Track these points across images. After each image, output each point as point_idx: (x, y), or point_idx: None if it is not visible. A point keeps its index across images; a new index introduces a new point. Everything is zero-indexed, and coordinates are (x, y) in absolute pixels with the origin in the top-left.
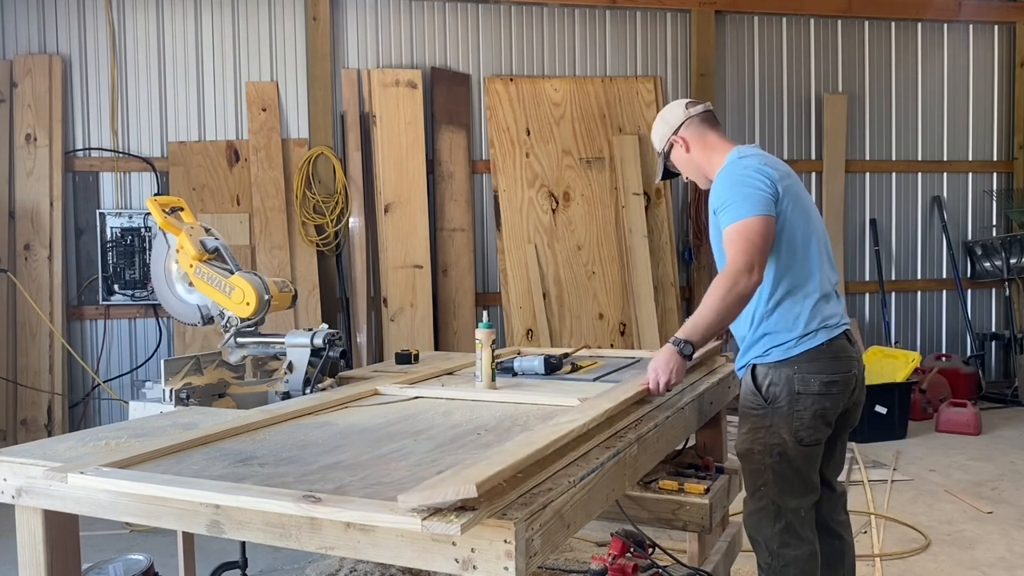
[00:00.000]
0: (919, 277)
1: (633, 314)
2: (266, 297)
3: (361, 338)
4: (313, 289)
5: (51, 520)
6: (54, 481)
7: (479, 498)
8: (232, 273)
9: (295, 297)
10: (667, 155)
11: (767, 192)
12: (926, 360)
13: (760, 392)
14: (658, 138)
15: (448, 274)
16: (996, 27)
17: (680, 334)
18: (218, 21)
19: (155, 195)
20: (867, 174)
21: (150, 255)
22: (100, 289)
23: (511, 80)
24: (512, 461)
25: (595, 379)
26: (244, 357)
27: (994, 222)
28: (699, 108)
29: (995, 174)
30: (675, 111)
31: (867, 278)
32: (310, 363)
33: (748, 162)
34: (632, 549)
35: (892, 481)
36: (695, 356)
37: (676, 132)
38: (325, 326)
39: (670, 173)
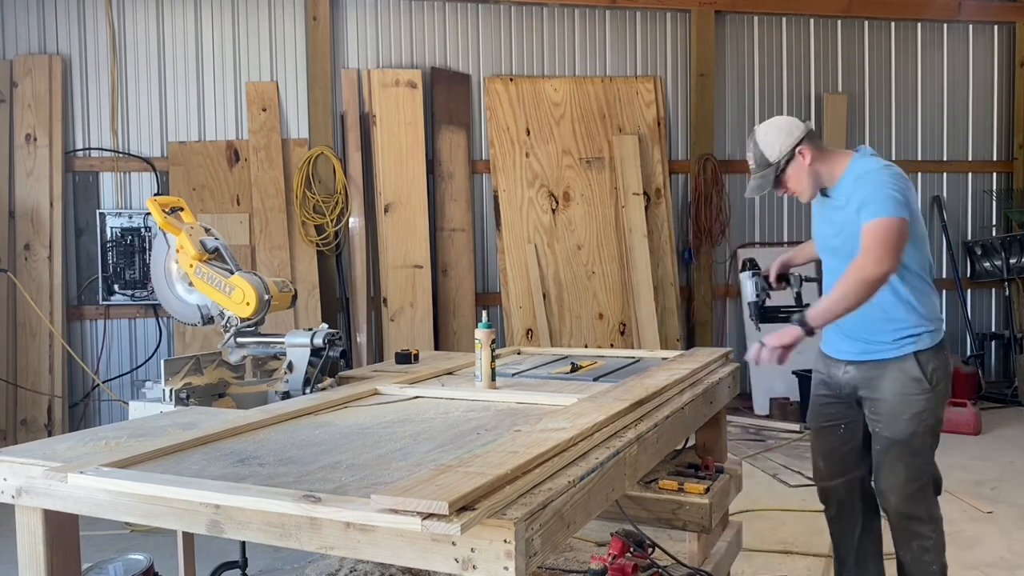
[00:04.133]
0: None
1: (633, 314)
2: (266, 297)
3: (361, 338)
4: (313, 289)
5: (51, 520)
6: (54, 481)
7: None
8: (232, 273)
9: (295, 297)
10: (783, 166)
11: (905, 198)
12: None
13: (926, 377)
14: (776, 149)
15: (448, 274)
16: (996, 27)
17: (812, 319)
18: (218, 21)
19: (155, 195)
20: None
21: (150, 255)
22: (100, 289)
23: (511, 80)
24: (493, 475)
25: (595, 379)
26: (244, 357)
27: (994, 222)
28: (811, 124)
29: (995, 174)
30: (793, 123)
31: None
32: (310, 363)
33: (892, 171)
34: (632, 549)
35: None
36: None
37: (800, 143)
38: (325, 326)
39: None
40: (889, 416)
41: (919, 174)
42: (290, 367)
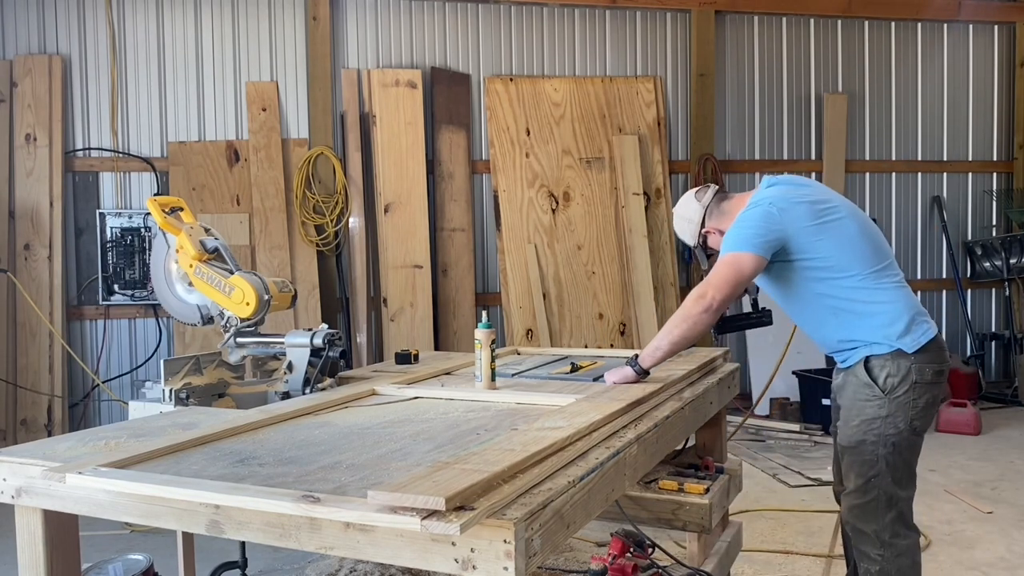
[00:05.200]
0: (919, 277)
1: (633, 314)
2: (266, 297)
3: (361, 338)
4: (313, 289)
5: (51, 520)
6: (53, 481)
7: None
8: (232, 273)
9: (295, 297)
10: (705, 245)
11: (764, 233)
12: None
13: (877, 383)
14: (689, 236)
15: (448, 274)
16: (996, 27)
17: (642, 361)
18: (218, 21)
19: (155, 195)
20: (867, 174)
21: (150, 255)
22: (100, 289)
23: (511, 80)
24: (489, 472)
25: (594, 379)
26: (244, 357)
27: (994, 222)
28: (709, 193)
29: (995, 174)
30: (690, 207)
31: None
32: (310, 363)
33: (759, 208)
34: (632, 549)
35: None
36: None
37: (704, 225)
38: (325, 326)
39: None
40: (843, 422)
41: (919, 174)
42: (290, 367)
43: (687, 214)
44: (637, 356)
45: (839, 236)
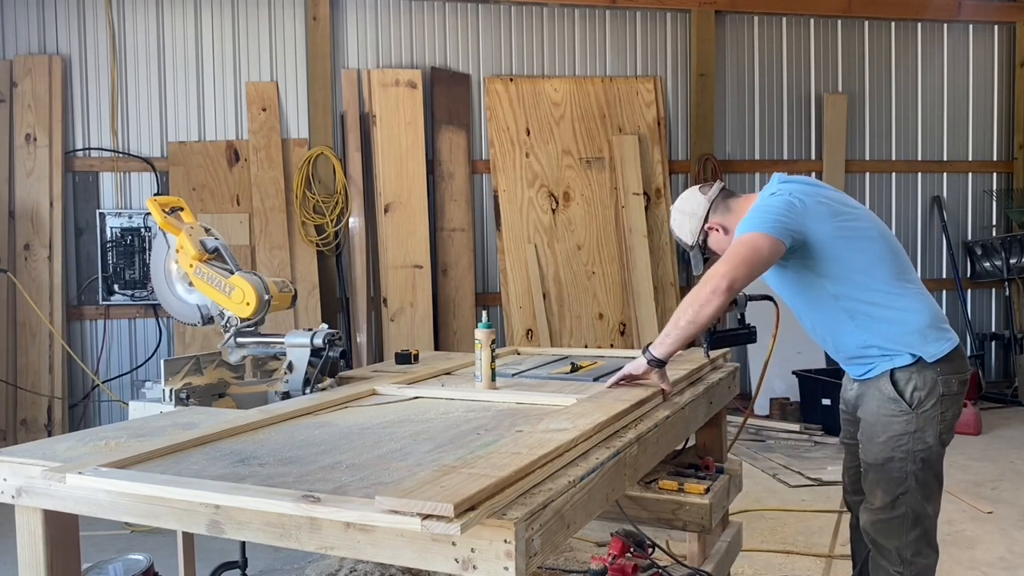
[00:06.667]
0: (919, 277)
1: (633, 314)
2: (266, 297)
3: (361, 338)
4: (313, 289)
5: (51, 520)
6: (53, 481)
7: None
8: (232, 273)
9: (295, 297)
10: (704, 245)
11: (786, 219)
12: None
13: (904, 397)
14: (688, 233)
15: (448, 274)
16: (996, 27)
17: (652, 349)
18: (218, 21)
19: (155, 195)
20: (867, 174)
21: (150, 255)
22: (100, 289)
23: (511, 80)
24: (497, 477)
25: (595, 379)
26: (244, 357)
27: (994, 222)
28: (715, 188)
29: (995, 174)
30: (692, 200)
31: None
32: (310, 363)
33: (778, 197)
34: (632, 549)
35: None
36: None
37: (707, 221)
38: (325, 326)
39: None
40: (866, 438)
41: (919, 174)
42: (290, 367)
43: (688, 208)
44: (650, 345)
45: (861, 240)
